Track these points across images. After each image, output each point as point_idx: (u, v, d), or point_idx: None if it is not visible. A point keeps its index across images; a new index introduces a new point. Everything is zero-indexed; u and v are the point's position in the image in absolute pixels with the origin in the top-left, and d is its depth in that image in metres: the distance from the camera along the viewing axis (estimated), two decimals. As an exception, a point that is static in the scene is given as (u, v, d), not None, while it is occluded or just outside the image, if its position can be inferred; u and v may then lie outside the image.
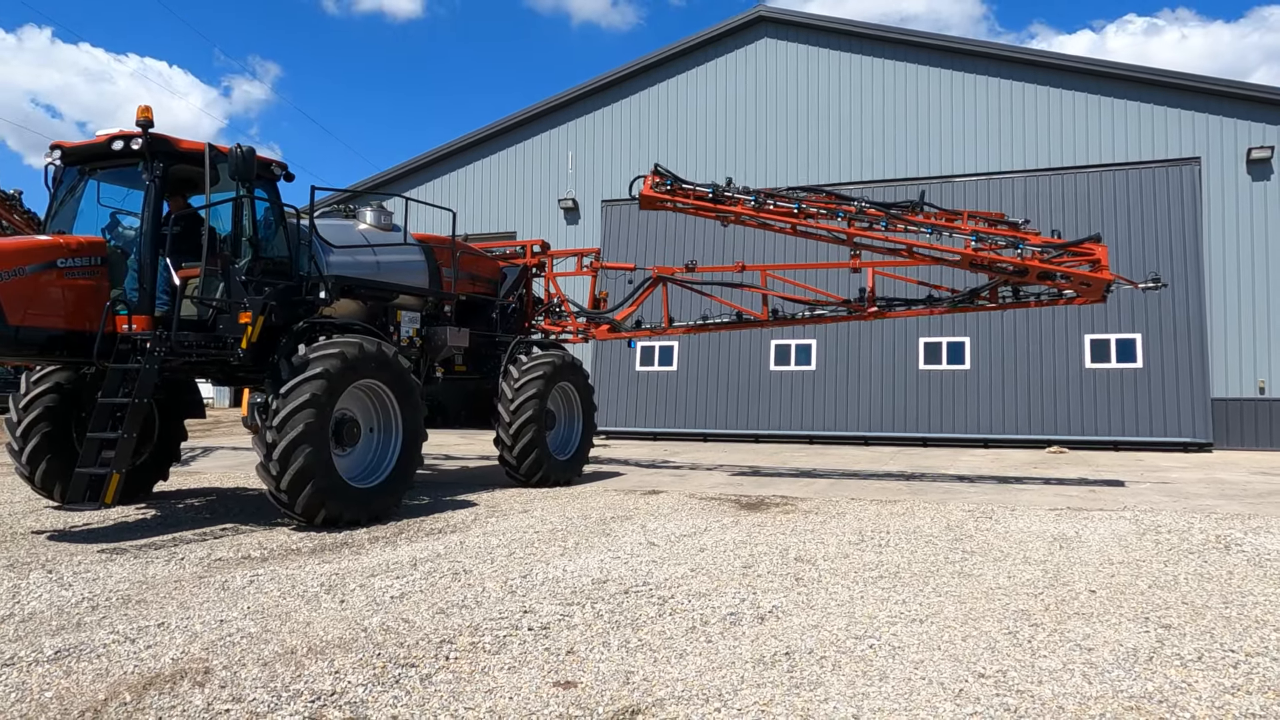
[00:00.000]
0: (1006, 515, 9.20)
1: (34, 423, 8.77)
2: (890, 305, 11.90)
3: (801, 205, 10.74)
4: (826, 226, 10.86)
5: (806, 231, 11.07)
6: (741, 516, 9.12)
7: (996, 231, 10.64)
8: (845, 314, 12.20)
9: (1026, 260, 10.20)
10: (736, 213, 10.99)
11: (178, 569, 6.50)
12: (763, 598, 5.71)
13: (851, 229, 10.65)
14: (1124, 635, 4.93)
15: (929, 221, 10.54)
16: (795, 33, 22.76)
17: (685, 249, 22.28)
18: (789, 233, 11.24)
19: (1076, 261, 10.21)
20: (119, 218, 8.35)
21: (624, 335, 13.54)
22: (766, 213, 10.91)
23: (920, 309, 11.75)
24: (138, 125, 7.84)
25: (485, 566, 6.61)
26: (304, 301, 8.88)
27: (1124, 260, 19.15)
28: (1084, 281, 10.20)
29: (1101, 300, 10.69)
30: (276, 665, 4.37)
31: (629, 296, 13.24)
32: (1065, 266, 10.19)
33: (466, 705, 3.89)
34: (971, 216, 11.01)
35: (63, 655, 4.50)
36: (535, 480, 11.25)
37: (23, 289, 7.08)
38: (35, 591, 5.80)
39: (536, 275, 13.77)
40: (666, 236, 22.25)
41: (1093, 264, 10.12)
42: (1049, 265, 10.18)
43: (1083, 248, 10.24)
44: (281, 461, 7.66)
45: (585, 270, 14.03)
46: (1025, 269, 10.31)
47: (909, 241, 10.70)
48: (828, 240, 11.18)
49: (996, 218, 11.24)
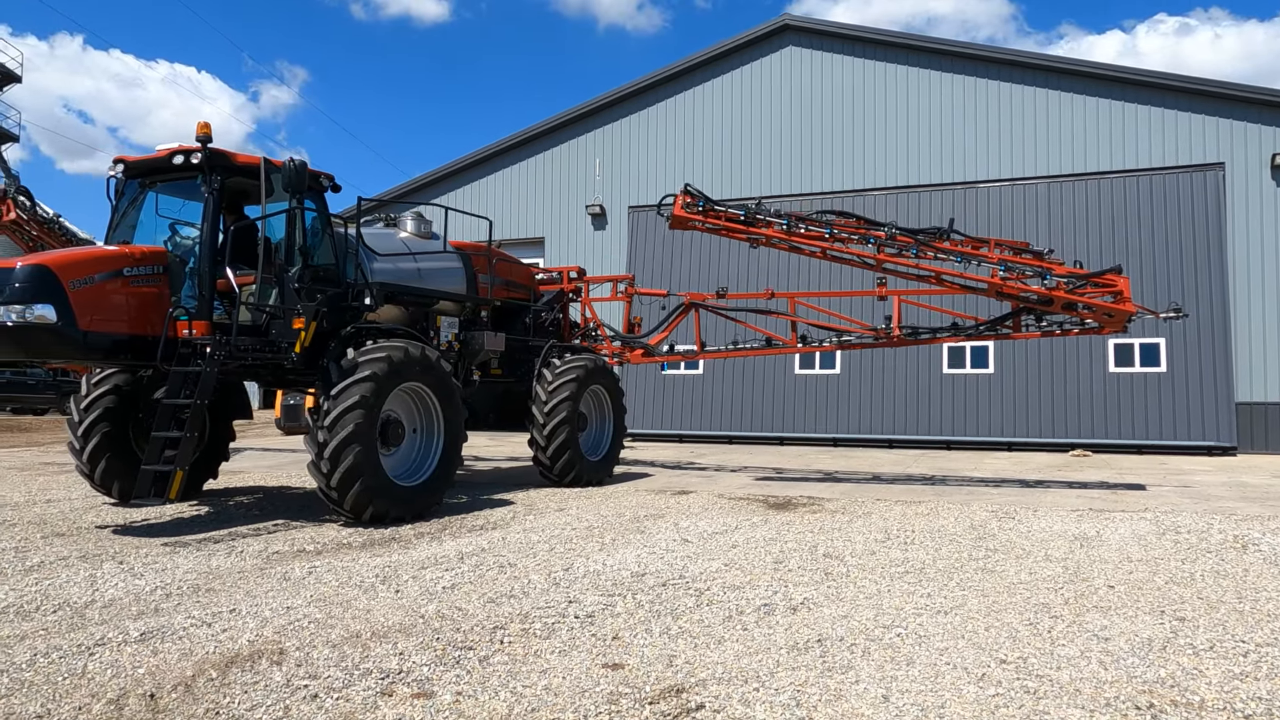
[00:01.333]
0: (1029, 515, 9.44)
1: (94, 423, 9.20)
2: (916, 334, 12.20)
3: (833, 230, 10.88)
4: (856, 252, 11.00)
5: (837, 256, 11.21)
6: (770, 515, 9.42)
7: (1023, 261, 10.87)
8: (871, 341, 12.52)
9: (1053, 291, 10.41)
10: (768, 235, 11.12)
11: (239, 561, 6.88)
12: (794, 590, 6.02)
13: (881, 255, 10.78)
14: (1140, 626, 5.20)
15: (957, 249, 10.77)
16: (820, 41, 23.03)
17: (710, 256, 22.62)
18: (819, 256, 11.40)
19: (1099, 293, 10.44)
20: (177, 228, 8.77)
21: (657, 359, 13.95)
22: (798, 236, 11.04)
23: (945, 337, 12.05)
24: (197, 140, 8.28)
25: (528, 560, 6.95)
26: (350, 307, 9.27)
27: (1148, 266, 19.30)
28: (1107, 312, 10.44)
29: (1123, 330, 10.97)
30: (345, 647, 4.71)
31: (662, 322, 13.71)
32: (1089, 298, 10.42)
33: (524, 683, 4.21)
34: (998, 245, 11.27)
35: (148, 637, 4.87)
36: (568, 480, 11.60)
37: (93, 296, 7.49)
38: (111, 580, 6.20)
39: (573, 300, 14.19)
40: (692, 243, 22.57)
41: (1115, 295, 10.34)
42: (1074, 296, 10.41)
43: (1105, 278, 10.46)
44: (332, 460, 8.04)
45: (620, 296, 14.51)
46: (1051, 299, 10.52)
47: (937, 269, 10.91)
48: (857, 265, 11.34)
49: (1021, 246, 11.55)
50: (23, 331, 7.29)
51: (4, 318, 7.25)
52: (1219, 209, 19.26)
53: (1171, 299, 18.81)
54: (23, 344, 7.45)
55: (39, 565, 6.66)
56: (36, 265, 7.35)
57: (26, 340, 7.37)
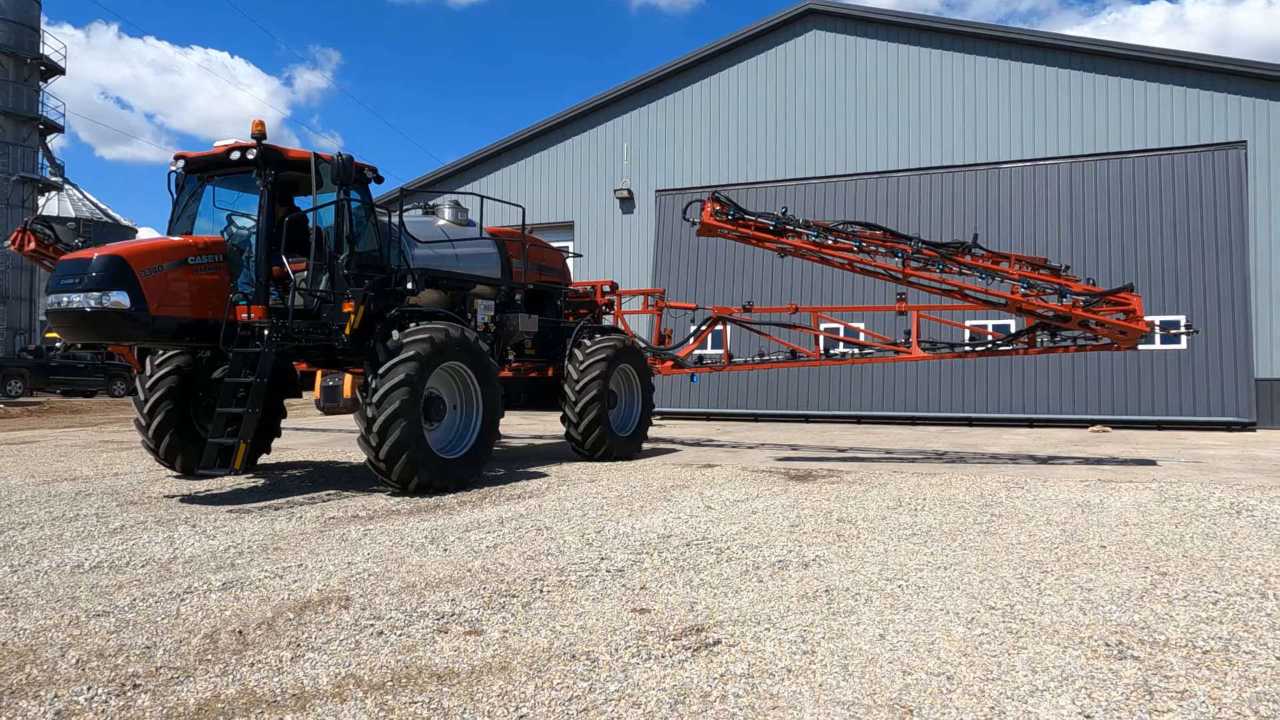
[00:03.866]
0: (1038, 486, 9.90)
1: (159, 401, 9.88)
2: (935, 348, 12.63)
3: (861, 245, 11.11)
4: (884, 265, 11.25)
5: (865, 269, 11.45)
6: (790, 486, 9.95)
7: (1043, 278, 11.28)
8: (892, 355, 12.95)
9: (1071, 309, 10.78)
10: (796, 246, 11.25)
11: (300, 525, 7.53)
12: (807, 549, 6.55)
13: (908, 269, 11.04)
14: (1123, 580, 5.68)
15: (979, 264, 11.17)
16: (842, 24, 23.31)
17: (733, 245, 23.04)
18: (846, 268, 11.69)
19: (1113, 310, 10.85)
20: (233, 219, 9.40)
21: (687, 370, 14.53)
22: (827, 249, 11.23)
23: (964, 352, 12.50)
24: (252, 137, 8.90)
25: (563, 524, 7.53)
26: (394, 292, 9.87)
27: (1169, 244, 19.52)
28: (1120, 330, 10.85)
29: (1133, 348, 11.44)
30: (402, 595, 5.32)
31: (691, 334, 14.30)
32: (1105, 316, 10.83)
33: (562, 624, 4.79)
34: (1019, 260, 11.73)
35: (229, 586, 5.51)
36: (598, 455, 12.19)
37: (161, 283, 8.14)
38: (187, 540, 6.86)
39: (606, 313, 14.83)
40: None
41: (1128, 313, 10.75)
42: (1090, 314, 10.80)
43: (1119, 296, 10.87)
44: (380, 434, 8.67)
45: (650, 309, 15.10)
46: (1069, 315, 10.90)
47: (961, 284, 11.26)
48: (884, 278, 11.60)
49: (1039, 262, 12.03)
50: (100, 316, 7.96)
51: (83, 304, 7.92)
52: (1240, 187, 19.40)
53: (1193, 276, 19.07)
54: (99, 328, 8.13)
55: (120, 529, 7.34)
56: (112, 256, 8.00)
57: (103, 325, 8.05)
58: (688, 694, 3.76)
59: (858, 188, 22.79)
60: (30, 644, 4.41)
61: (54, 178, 47.27)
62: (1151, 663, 4.15)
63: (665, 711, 3.58)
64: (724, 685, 3.86)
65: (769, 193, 23.29)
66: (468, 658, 4.23)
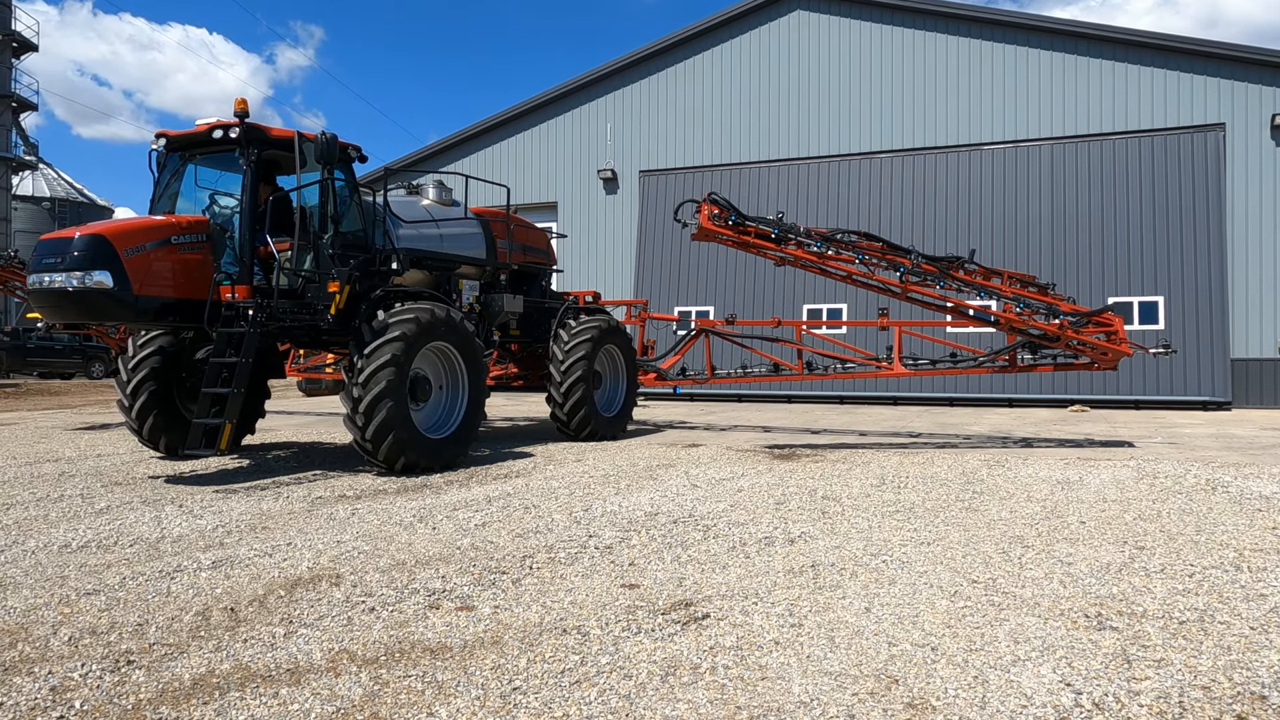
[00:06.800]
0: (1018, 464, 10.03)
1: (142, 382, 9.83)
2: (917, 364, 12.68)
3: (863, 258, 11.00)
4: (882, 279, 11.19)
5: (863, 283, 11.34)
6: (774, 464, 10.04)
7: (1035, 296, 11.42)
8: (874, 370, 12.92)
9: (1060, 330, 10.89)
10: (796, 257, 11.06)
11: (287, 504, 7.54)
12: (793, 526, 6.63)
13: (907, 284, 10.98)
14: (1102, 554, 5.79)
15: (972, 280, 11.30)
16: (826, 5, 23.28)
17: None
18: (845, 281, 11.58)
19: (1097, 331, 11.03)
20: (216, 198, 9.34)
21: (670, 383, 14.58)
22: (829, 260, 11.10)
23: (945, 369, 12.55)
24: (235, 115, 8.83)
25: (550, 503, 7.58)
26: (379, 272, 9.85)
27: (1148, 225, 19.71)
28: (1102, 351, 11.03)
29: (1114, 368, 11.66)
30: (393, 572, 5.35)
31: (674, 346, 14.36)
32: (1090, 337, 10.98)
33: (552, 599, 4.84)
34: (1011, 278, 11.94)
35: (219, 565, 5.52)
36: (584, 435, 12.24)
37: (144, 263, 8.09)
38: (174, 520, 6.86)
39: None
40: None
41: (1109, 334, 10.93)
42: (1078, 335, 10.94)
43: (1103, 318, 11.02)
44: (366, 414, 8.67)
45: (634, 320, 15.11)
46: (1058, 336, 11.00)
47: (957, 300, 11.28)
48: (883, 292, 11.53)
49: (1028, 279, 12.26)
50: (82, 296, 7.90)
51: (65, 283, 7.87)
52: (1219, 169, 19.60)
53: (1170, 257, 19.28)
54: (82, 308, 8.07)
55: (107, 509, 7.33)
56: (94, 235, 7.94)
57: (86, 304, 7.99)
58: (678, 666, 3.82)
59: (841, 169, 22.83)
60: (21, 622, 4.42)
61: (28, 156, 46.62)
62: (1130, 633, 4.25)
63: (656, 683, 3.64)
64: (714, 657, 3.92)
65: (752, 174, 23.30)
66: (460, 633, 4.27)
